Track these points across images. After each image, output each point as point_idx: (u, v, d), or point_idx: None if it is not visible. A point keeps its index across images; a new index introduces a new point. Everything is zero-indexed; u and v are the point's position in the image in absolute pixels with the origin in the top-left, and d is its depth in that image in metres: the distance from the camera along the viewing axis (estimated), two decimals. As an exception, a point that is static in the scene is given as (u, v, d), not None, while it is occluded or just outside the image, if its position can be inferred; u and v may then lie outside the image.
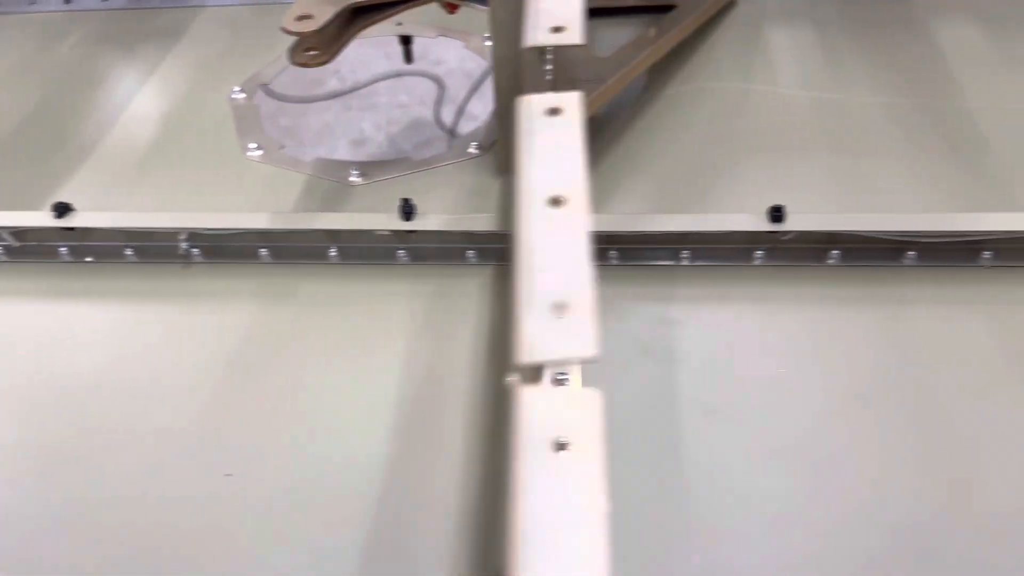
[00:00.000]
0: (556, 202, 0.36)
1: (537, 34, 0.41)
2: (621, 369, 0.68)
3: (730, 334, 0.70)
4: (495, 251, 0.76)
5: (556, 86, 0.84)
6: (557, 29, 0.42)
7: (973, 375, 0.66)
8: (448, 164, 0.88)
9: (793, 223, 0.72)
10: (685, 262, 0.75)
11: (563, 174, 0.36)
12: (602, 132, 0.92)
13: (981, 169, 0.83)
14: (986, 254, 0.73)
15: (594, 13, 1.11)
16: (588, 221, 0.35)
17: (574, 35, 0.41)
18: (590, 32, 1.08)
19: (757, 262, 0.75)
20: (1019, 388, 0.64)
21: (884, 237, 0.72)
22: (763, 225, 0.73)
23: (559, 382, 0.34)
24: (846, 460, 0.60)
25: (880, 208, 0.80)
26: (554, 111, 0.38)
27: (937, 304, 0.71)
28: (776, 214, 0.72)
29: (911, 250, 0.73)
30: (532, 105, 0.38)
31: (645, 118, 0.94)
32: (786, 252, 0.74)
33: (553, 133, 0.37)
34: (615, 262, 0.76)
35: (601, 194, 0.84)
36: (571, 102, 0.38)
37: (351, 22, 0.75)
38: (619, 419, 0.63)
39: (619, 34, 0.97)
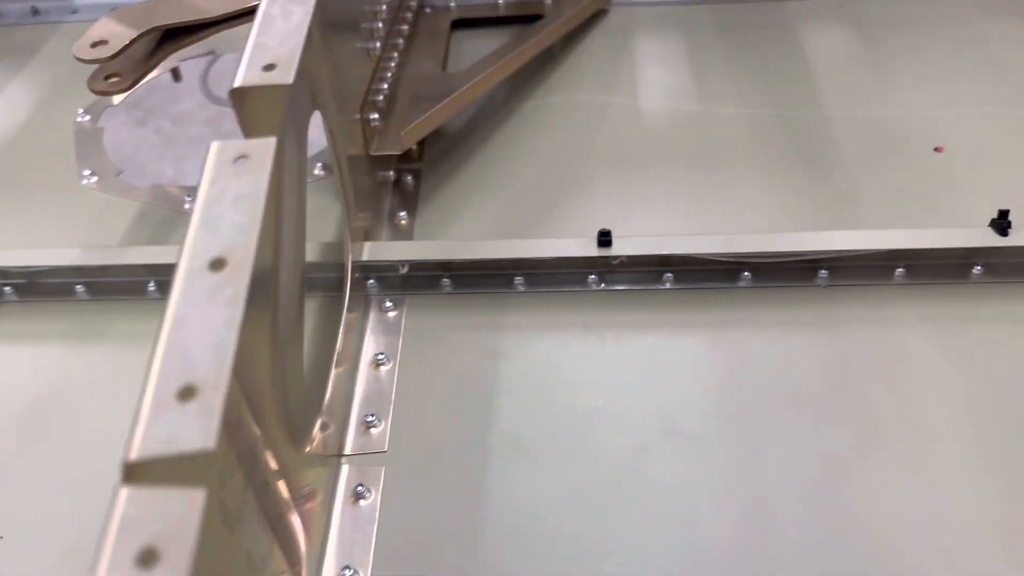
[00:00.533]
0: (217, 265, 0.33)
1: (248, 74, 0.38)
2: (437, 404, 0.65)
3: (556, 363, 0.68)
4: (323, 280, 0.73)
5: (393, 106, 0.82)
6: (269, 67, 0.38)
7: (805, 396, 0.64)
8: (290, 188, 0.85)
9: (621, 247, 0.70)
10: (520, 288, 0.73)
11: (234, 232, 0.33)
12: (457, 148, 0.90)
13: (832, 184, 0.82)
14: (822, 273, 0.71)
15: (461, 24, 1.09)
16: (248, 286, 0.32)
17: (286, 74, 0.38)
18: (454, 43, 1.08)
19: (593, 287, 0.73)
20: (849, 408, 0.63)
21: (717, 259, 0.71)
22: (592, 250, 0.71)
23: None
24: (658, 497, 0.58)
25: (728, 225, 0.78)
26: (242, 158, 0.35)
27: (771, 326, 0.69)
28: (604, 239, 0.70)
29: (746, 271, 0.71)
30: (222, 152, 0.35)
31: (502, 133, 0.92)
32: (620, 276, 0.72)
33: (236, 184, 0.34)
34: (448, 290, 0.73)
35: (446, 216, 0.82)
36: (263, 149, 0.35)
37: (160, 46, 0.71)
38: (425, 457, 0.61)
39: (486, 45, 0.95)
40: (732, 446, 0.61)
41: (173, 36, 0.70)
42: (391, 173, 0.84)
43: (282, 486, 0.47)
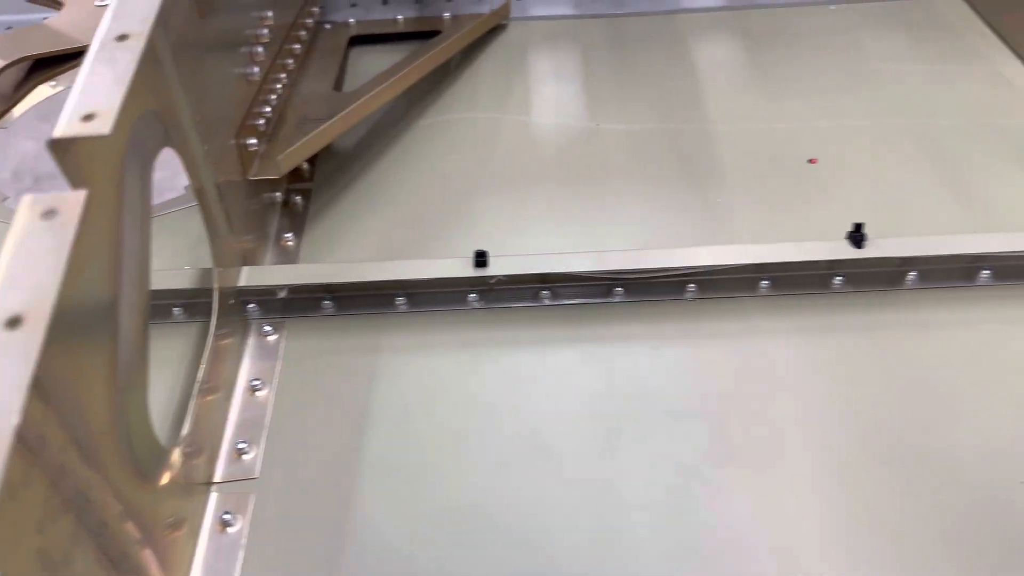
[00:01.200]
0: (13, 323, 0.33)
1: (66, 124, 0.39)
2: (313, 429, 0.66)
3: (433, 384, 0.69)
4: (205, 307, 0.74)
5: (279, 128, 0.83)
6: (88, 117, 0.39)
7: (671, 409, 0.66)
8: (177, 210, 0.85)
9: (499, 267, 0.72)
10: (402, 309, 0.74)
11: (32, 289, 0.34)
12: (349, 167, 0.91)
13: (710, 198, 0.85)
14: (691, 287, 0.74)
15: (360, 41, 1.10)
16: (40, 347, 0.33)
17: (104, 125, 0.39)
18: (353, 59, 1.09)
19: (473, 305, 0.74)
20: (712, 418, 0.65)
21: (590, 276, 0.73)
22: (470, 270, 0.72)
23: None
24: (516, 516, 0.60)
25: (609, 242, 0.80)
26: (49, 213, 0.36)
27: (642, 340, 0.72)
28: (480, 259, 0.72)
29: (619, 287, 0.74)
30: (31, 206, 0.36)
31: (395, 151, 0.93)
32: (501, 295, 0.74)
33: (39, 241, 0.35)
34: (330, 312, 0.74)
35: (335, 236, 0.83)
36: (71, 204, 0.35)
37: (30, 75, 0.71)
38: (296, 483, 0.62)
39: (385, 61, 0.95)
40: (594, 460, 0.63)
41: (43, 66, 0.70)
42: (278, 195, 0.84)
43: (130, 523, 0.47)
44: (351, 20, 1.10)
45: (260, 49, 0.80)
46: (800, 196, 0.84)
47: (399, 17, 1.11)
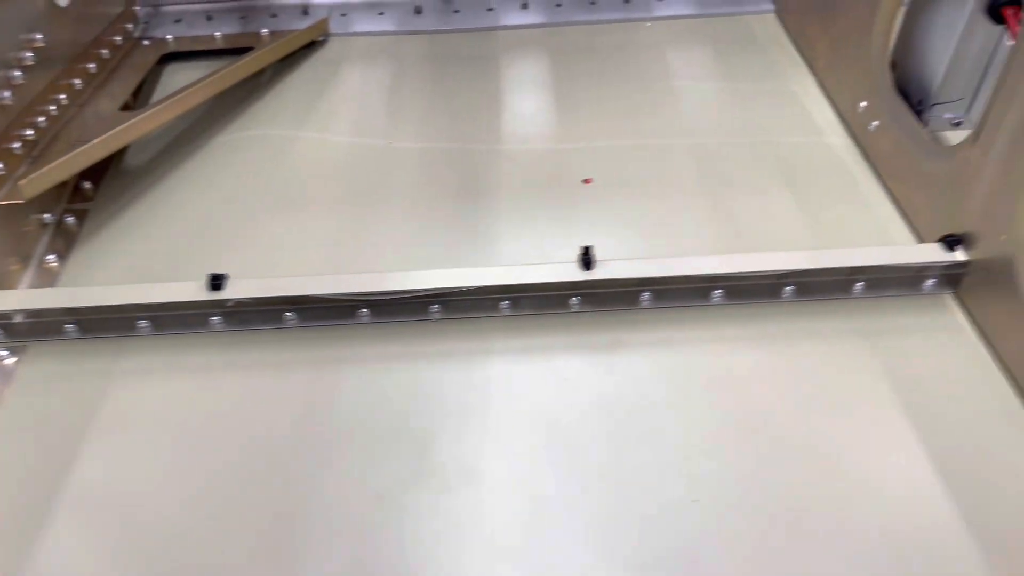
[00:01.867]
0: None
1: None
2: (35, 455, 0.66)
3: (160, 408, 0.70)
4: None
5: (49, 152, 0.83)
6: None
7: (373, 431, 0.67)
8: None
9: (236, 290, 0.73)
10: (145, 332, 0.75)
11: None
12: (135, 185, 0.91)
13: (479, 218, 0.86)
14: (434, 307, 0.75)
15: (175, 57, 1.10)
16: None
17: None
18: (168, 76, 1.09)
19: (216, 328, 0.75)
20: (402, 439, 0.66)
21: (333, 299, 0.74)
22: (204, 294, 0.73)
23: None
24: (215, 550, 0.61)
25: (374, 262, 0.81)
26: None
27: (380, 361, 0.73)
28: (215, 283, 0.73)
29: (363, 308, 0.75)
30: None
31: (185, 169, 0.93)
32: (246, 316, 0.75)
33: None
34: (73, 336, 0.75)
35: (105, 256, 0.83)
36: None
37: None
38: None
39: (193, 77, 0.96)
40: (275, 490, 0.63)
41: None
42: (47, 216, 0.84)
43: None
44: (169, 37, 1.10)
45: (18, 73, 0.81)
46: (566, 216, 0.86)
47: (217, 34, 1.12)
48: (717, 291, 0.75)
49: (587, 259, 0.73)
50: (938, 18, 0.84)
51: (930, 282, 0.75)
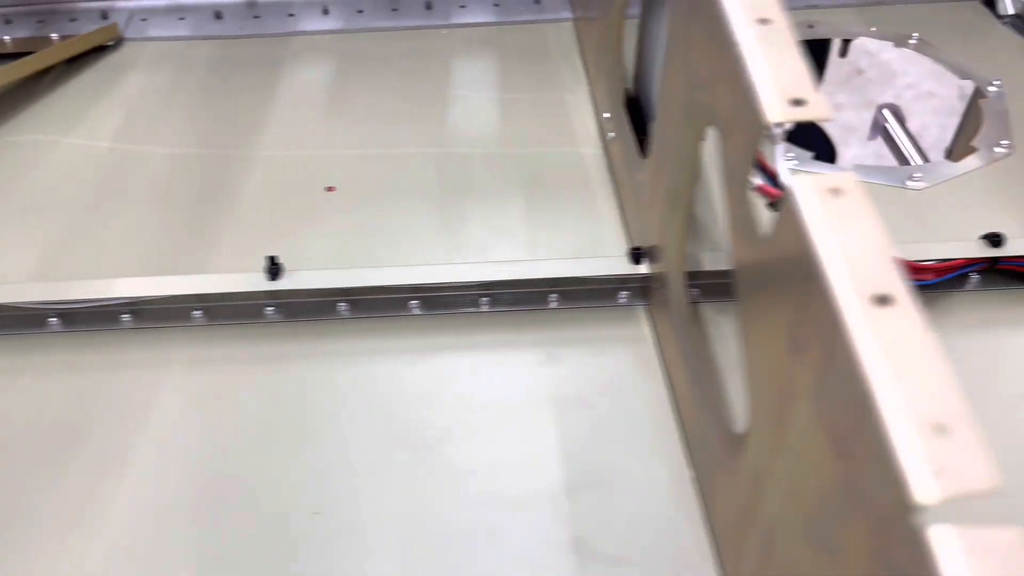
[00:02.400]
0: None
1: None
2: None
3: None
4: None
5: None
6: None
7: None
8: None
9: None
10: None
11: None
12: None
13: (224, 224, 0.86)
14: (196, 313, 0.74)
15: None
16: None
17: None
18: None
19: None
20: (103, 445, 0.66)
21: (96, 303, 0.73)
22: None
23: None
24: None
25: (118, 269, 0.81)
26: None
27: (142, 367, 0.72)
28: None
29: (125, 314, 0.74)
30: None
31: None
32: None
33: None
34: None
35: None
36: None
37: None
38: None
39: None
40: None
41: None
42: None
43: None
44: (-43, 40, 1.10)
45: None
46: (302, 223, 0.85)
47: (7, 38, 1.11)
48: (414, 302, 0.75)
49: (274, 268, 0.73)
50: (661, 31, 0.84)
51: (624, 295, 0.75)
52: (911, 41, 1.08)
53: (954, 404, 0.32)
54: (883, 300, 0.35)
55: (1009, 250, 0.74)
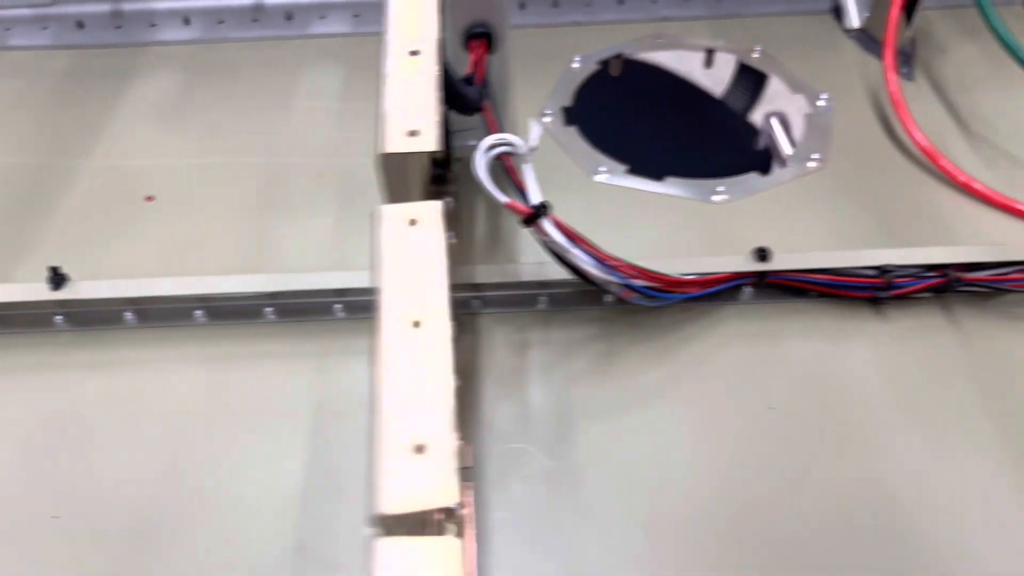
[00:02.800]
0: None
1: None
2: None
3: None
4: None
5: None
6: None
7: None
8: None
9: None
10: None
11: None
12: None
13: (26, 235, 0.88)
14: (58, 318, 0.76)
15: None
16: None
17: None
18: None
19: None
20: None
21: None
22: None
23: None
24: None
25: None
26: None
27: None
28: None
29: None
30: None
31: None
32: None
33: None
34: None
35: None
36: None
37: None
38: None
39: None
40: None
41: None
42: None
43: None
44: None
45: None
46: (115, 232, 0.87)
47: None
48: (199, 311, 0.77)
49: (56, 278, 0.75)
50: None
51: (402, 305, 0.77)
52: (754, 55, 1.10)
53: (439, 426, 0.35)
54: (417, 324, 0.37)
55: (776, 264, 0.76)
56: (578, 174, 0.94)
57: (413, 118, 0.45)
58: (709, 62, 1.12)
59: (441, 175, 0.86)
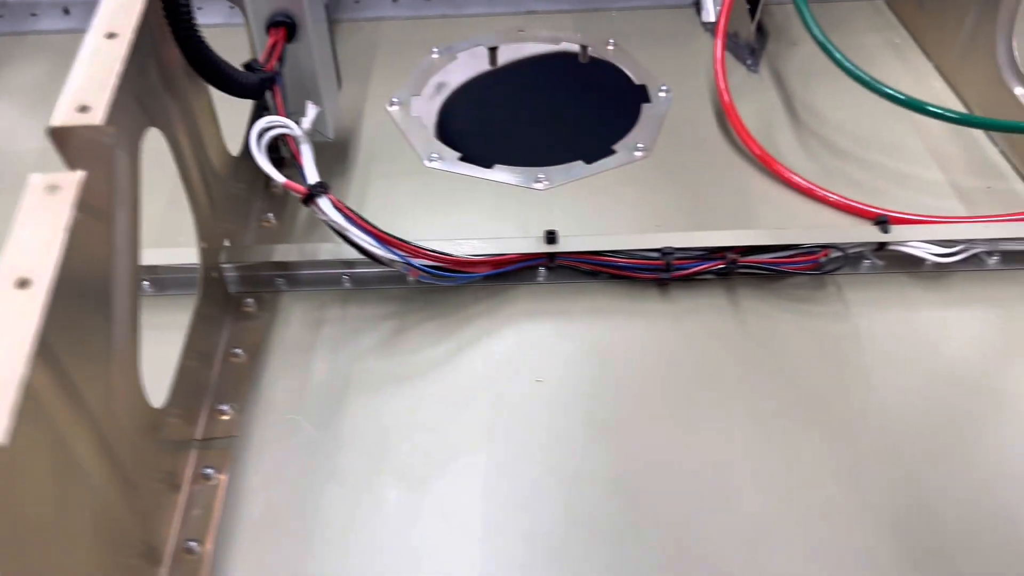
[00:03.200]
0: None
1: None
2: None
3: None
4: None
5: None
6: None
7: None
8: None
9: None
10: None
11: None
12: None
13: None
14: None
15: None
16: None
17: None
18: None
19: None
20: None
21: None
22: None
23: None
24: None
25: None
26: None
27: None
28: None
29: None
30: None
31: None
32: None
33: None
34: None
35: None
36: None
37: None
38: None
39: None
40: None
41: None
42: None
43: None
44: None
45: None
46: None
47: None
48: None
49: None
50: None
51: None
52: (608, 47, 1.13)
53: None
54: (23, 283, 0.41)
55: (564, 247, 0.79)
56: (414, 160, 0.97)
57: (88, 95, 0.48)
58: (559, 54, 1.15)
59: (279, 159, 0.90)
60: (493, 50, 1.14)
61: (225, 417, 0.71)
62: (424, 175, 0.96)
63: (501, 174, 0.95)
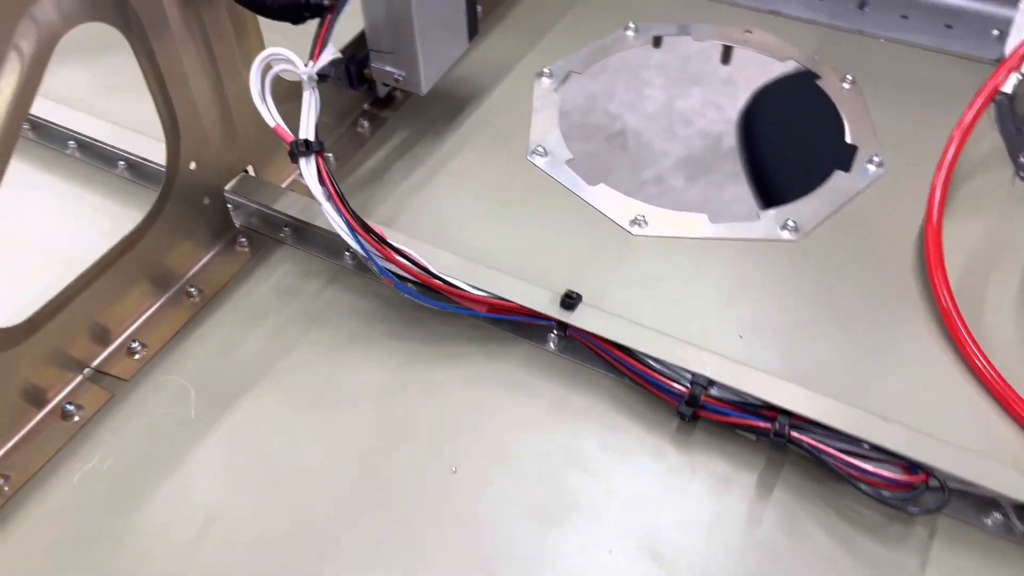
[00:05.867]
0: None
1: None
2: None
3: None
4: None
5: None
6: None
7: None
8: None
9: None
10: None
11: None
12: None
13: None
14: None
15: None
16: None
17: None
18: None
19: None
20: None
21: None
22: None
23: None
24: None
25: None
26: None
27: None
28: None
29: None
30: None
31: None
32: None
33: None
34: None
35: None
36: None
37: None
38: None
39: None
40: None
41: None
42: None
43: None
44: None
45: None
46: None
47: None
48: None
49: None
50: None
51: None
52: (844, 83, 0.86)
53: None
54: None
55: (578, 319, 0.61)
56: (519, 146, 0.81)
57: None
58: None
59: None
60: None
61: (135, 356, 0.65)
62: (516, 166, 0.80)
63: (599, 197, 0.76)
